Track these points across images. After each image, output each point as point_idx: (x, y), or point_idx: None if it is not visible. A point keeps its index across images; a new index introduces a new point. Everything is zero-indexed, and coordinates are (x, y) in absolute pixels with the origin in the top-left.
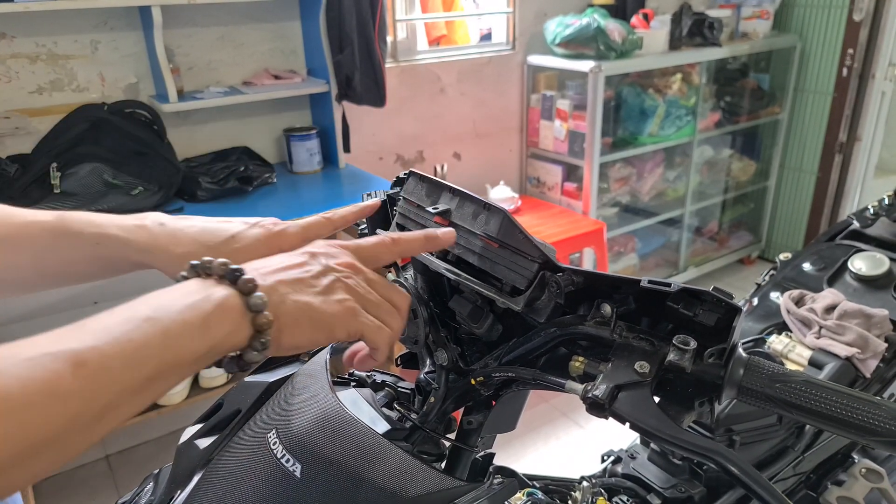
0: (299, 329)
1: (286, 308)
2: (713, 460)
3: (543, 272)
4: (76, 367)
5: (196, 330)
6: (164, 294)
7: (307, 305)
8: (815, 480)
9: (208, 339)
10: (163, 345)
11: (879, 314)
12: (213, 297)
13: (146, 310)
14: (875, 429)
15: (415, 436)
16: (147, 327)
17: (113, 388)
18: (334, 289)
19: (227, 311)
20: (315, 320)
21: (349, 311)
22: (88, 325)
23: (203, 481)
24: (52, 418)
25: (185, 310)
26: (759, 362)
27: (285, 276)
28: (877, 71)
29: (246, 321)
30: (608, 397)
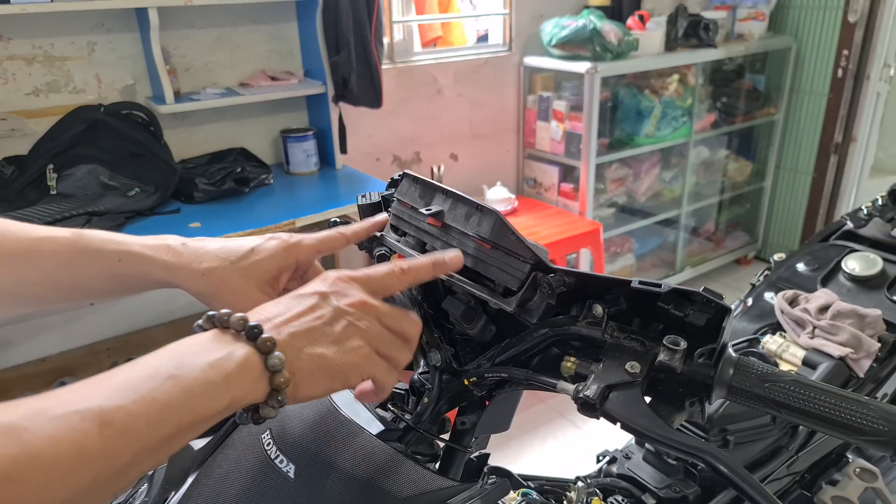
0: (315, 382)
1: (302, 363)
2: (703, 460)
3: (535, 273)
4: (102, 427)
5: (217, 390)
6: (184, 347)
7: (322, 358)
8: (809, 480)
9: (228, 398)
10: (185, 404)
11: (872, 314)
12: (234, 356)
13: (170, 366)
14: (863, 428)
15: (408, 436)
16: (170, 386)
17: (135, 447)
18: (348, 336)
19: (248, 370)
20: (331, 372)
21: (363, 357)
22: (115, 380)
23: (197, 482)
24: (78, 478)
25: (207, 368)
26: (749, 362)
27: (299, 327)
28: (872, 72)
29: (264, 380)
30: (599, 397)
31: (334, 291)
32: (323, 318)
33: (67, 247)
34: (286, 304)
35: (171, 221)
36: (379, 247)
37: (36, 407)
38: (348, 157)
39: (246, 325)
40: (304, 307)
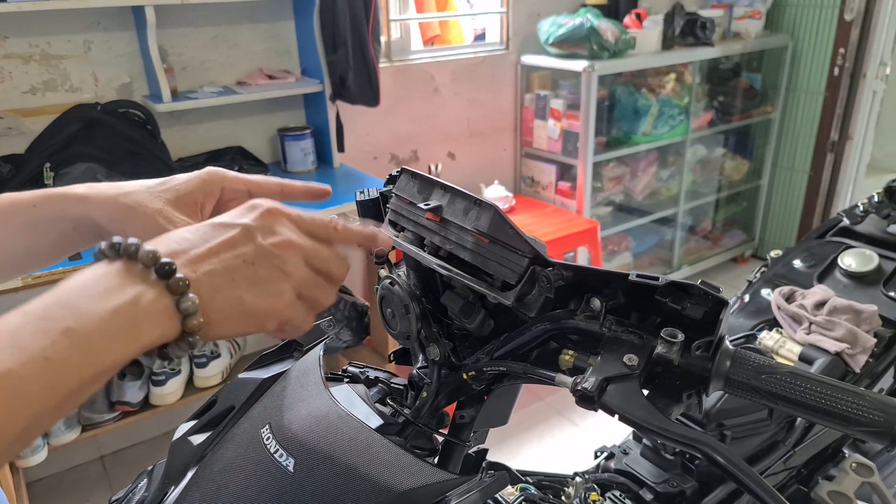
0: (228, 324)
1: (217, 305)
2: (700, 450)
3: (534, 267)
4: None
5: (122, 339)
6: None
7: (239, 301)
8: (806, 475)
9: (135, 347)
10: (85, 360)
11: (868, 310)
12: (143, 300)
13: (64, 315)
14: (858, 418)
15: (407, 430)
16: (66, 343)
17: (31, 411)
18: (270, 279)
19: (157, 315)
20: (245, 315)
21: (283, 304)
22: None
23: (197, 477)
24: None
25: (109, 317)
26: (746, 354)
27: (217, 265)
28: (868, 70)
29: (175, 322)
30: (597, 390)
31: (261, 226)
32: (244, 256)
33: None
34: (204, 233)
35: None
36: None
37: None
38: (346, 156)
39: (157, 261)
40: (224, 240)
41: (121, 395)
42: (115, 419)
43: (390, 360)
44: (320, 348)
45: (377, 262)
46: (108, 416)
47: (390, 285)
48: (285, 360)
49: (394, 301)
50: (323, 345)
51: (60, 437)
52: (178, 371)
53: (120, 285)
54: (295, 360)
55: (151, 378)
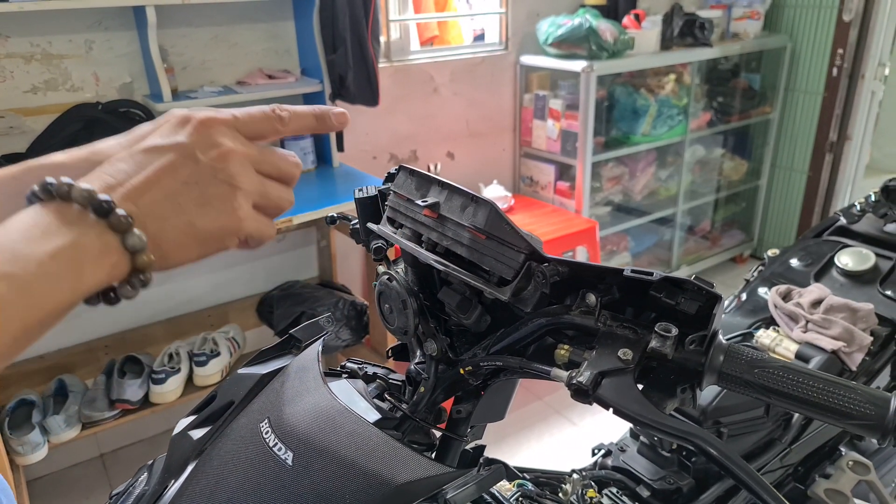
0: (185, 250)
1: (167, 235)
2: (693, 443)
3: (530, 263)
4: None
5: (64, 282)
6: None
7: (189, 226)
8: (802, 473)
9: (80, 288)
10: (27, 305)
11: (865, 308)
12: (83, 242)
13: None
14: (850, 412)
15: (405, 425)
16: (5, 288)
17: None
18: (219, 196)
19: (102, 255)
20: (200, 239)
21: (239, 218)
22: None
23: (196, 470)
24: None
25: (48, 260)
26: (739, 349)
27: (159, 193)
28: (866, 71)
29: (123, 260)
30: (592, 383)
31: (197, 142)
32: (186, 177)
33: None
34: (139, 162)
35: None
36: (375, 239)
37: None
38: (345, 156)
39: (93, 199)
40: (161, 165)
41: (121, 394)
42: (115, 417)
43: (388, 356)
44: (319, 344)
45: (375, 259)
46: (108, 415)
47: (388, 281)
48: (284, 356)
49: (392, 297)
50: (322, 341)
51: (60, 435)
52: (177, 369)
53: (58, 227)
54: (294, 356)
55: (151, 376)
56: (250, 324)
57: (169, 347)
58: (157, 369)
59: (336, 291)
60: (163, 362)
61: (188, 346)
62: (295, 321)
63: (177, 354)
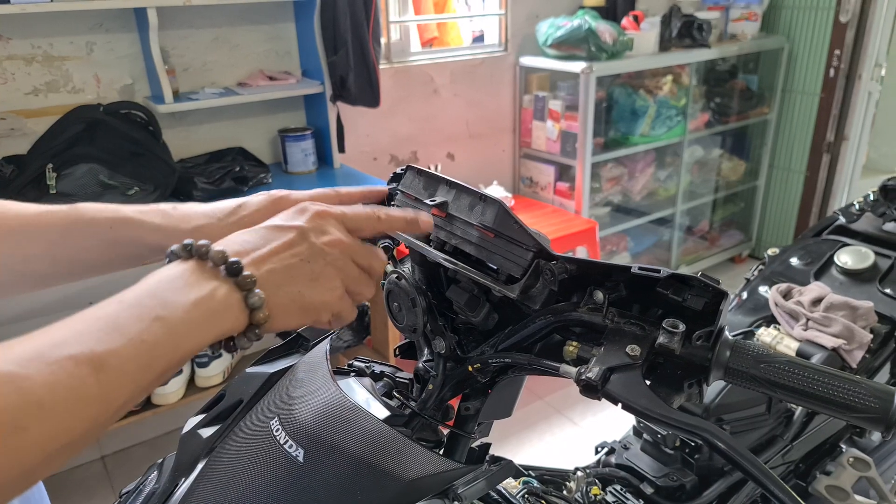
0: (289, 317)
1: (279, 300)
2: (701, 437)
3: (538, 260)
4: (97, 372)
5: (202, 328)
6: (165, 283)
7: (299, 296)
8: (803, 469)
9: (212, 335)
10: (173, 343)
11: (865, 306)
12: (217, 294)
13: (154, 305)
14: (855, 405)
15: (413, 422)
16: (157, 328)
17: (129, 389)
18: (324, 275)
19: (230, 308)
20: (304, 308)
21: (336, 297)
22: (102, 320)
23: (207, 469)
24: (78, 422)
25: (191, 308)
26: (745, 344)
27: (277, 264)
28: (863, 71)
29: (244, 315)
30: (601, 379)
31: (313, 227)
32: (301, 255)
33: (63, 219)
34: (263, 236)
35: None
36: (383, 239)
37: (29, 351)
38: (346, 157)
39: (226, 260)
40: (282, 242)
41: None
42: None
43: (396, 354)
44: (327, 343)
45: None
46: None
47: (397, 280)
48: (292, 355)
49: (400, 295)
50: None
51: None
52: (179, 370)
53: (197, 280)
54: (302, 355)
55: None
56: None
57: None
58: None
59: None
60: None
61: None
62: None
63: None
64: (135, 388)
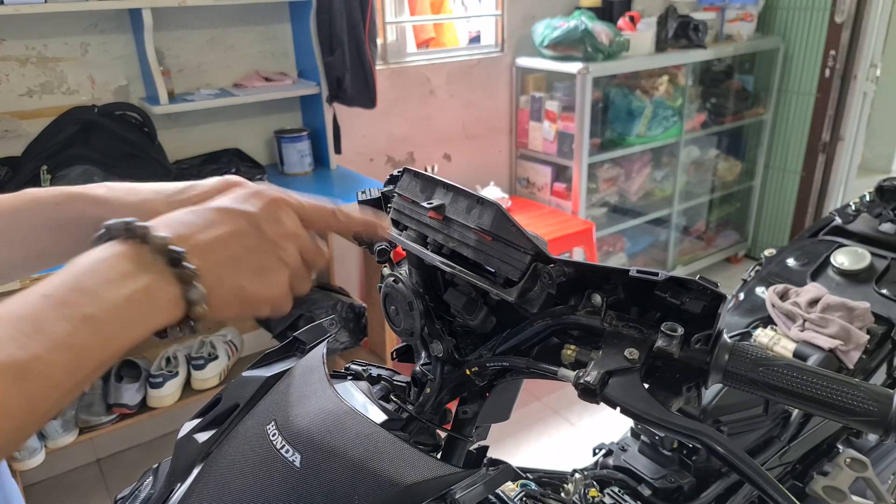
0: (228, 309)
1: (220, 293)
2: (700, 441)
3: (536, 264)
4: (21, 381)
5: (136, 325)
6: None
7: (241, 290)
8: (801, 470)
9: (145, 330)
10: (104, 345)
11: (861, 307)
12: (154, 289)
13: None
14: (854, 409)
15: (411, 426)
16: (87, 329)
17: (55, 395)
18: (271, 269)
19: (167, 302)
20: (245, 301)
21: (279, 292)
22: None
23: (203, 474)
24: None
25: (124, 304)
26: (744, 347)
27: (223, 254)
28: (858, 72)
29: (181, 308)
30: (599, 383)
31: (266, 217)
32: (249, 246)
33: (10, 203)
34: (210, 219)
35: None
36: (380, 242)
37: None
38: (342, 158)
39: (167, 248)
40: (230, 230)
41: (118, 398)
42: (113, 422)
43: (393, 357)
44: (324, 346)
45: (379, 261)
46: (105, 419)
47: (394, 283)
48: (288, 359)
49: (398, 298)
50: (326, 343)
51: (57, 439)
52: (175, 373)
53: (133, 272)
54: (298, 359)
55: (149, 380)
56: (248, 327)
57: (166, 351)
58: (154, 373)
59: (334, 294)
60: (160, 366)
61: (186, 349)
62: (293, 324)
63: (174, 358)
64: (61, 395)
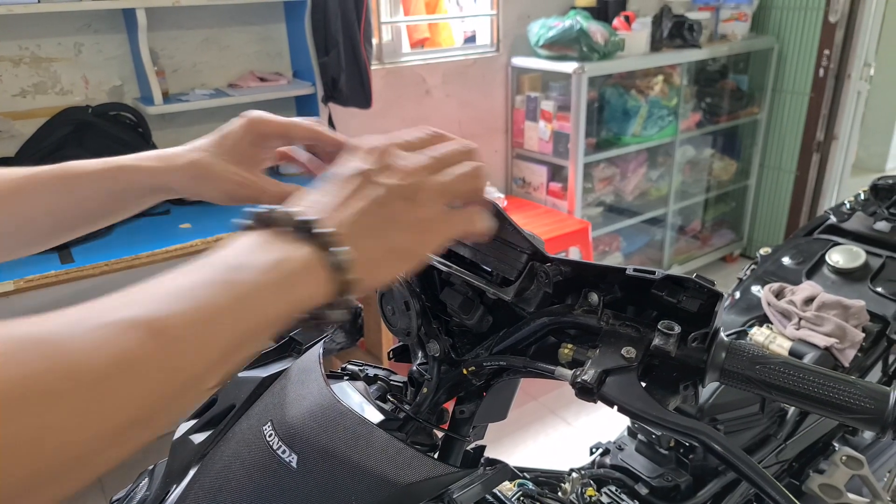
0: (386, 268)
1: (368, 254)
2: (697, 439)
3: (532, 263)
4: (154, 336)
5: (278, 292)
6: (234, 250)
7: (389, 242)
8: (797, 468)
9: (291, 301)
10: (244, 310)
11: (856, 305)
12: (295, 255)
13: (223, 271)
14: (850, 406)
15: (408, 426)
16: (225, 292)
17: (193, 359)
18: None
19: (310, 269)
20: (401, 253)
21: (434, 225)
22: (161, 288)
23: (199, 475)
24: (132, 394)
25: (267, 270)
26: (741, 345)
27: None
28: (852, 71)
29: (329, 279)
30: (596, 382)
31: (378, 168)
32: (377, 200)
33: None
34: (330, 191)
35: (161, 222)
36: None
37: (71, 317)
38: None
39: (296, 221)
40: (351, 191)
41: None
42: None
43: (389, 357)
44: (320, 346)
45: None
46: None
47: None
48: (285, 359)
49: (394, 298)
50: (322, 343)
51: None
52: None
53: (270, 244)
54: (295, 359)
55: None
56: None
57: None
58: None
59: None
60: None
61: None
62: None
63: None
64: (201, 360)
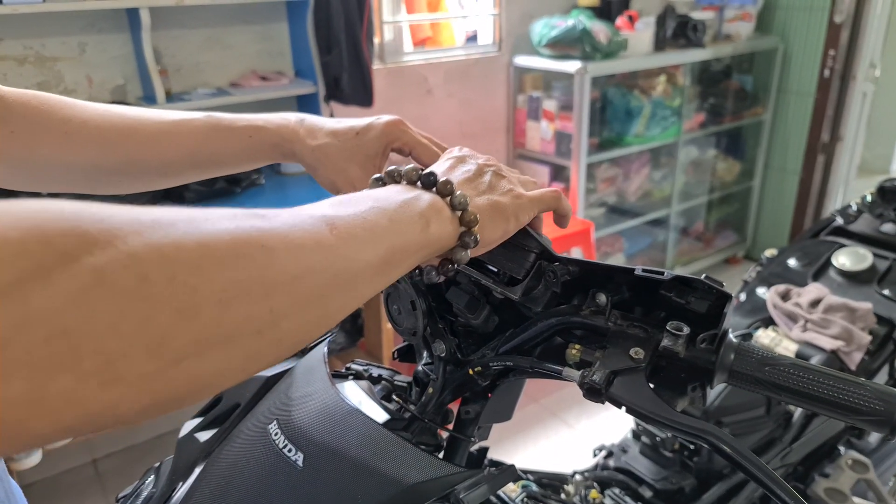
0: (494, 223)
1: (479, 205)
2: (706, 440)
3: (540, 262)
4: (331, 227)
5: (416, 223)
6: (378, 192)
7: (493, 201)
8: (802, 472)
9: (427, 234)
10: (392, 228)
11: (863, 308)
12: (423, 197)
13: (374, 200)
14: (859, 408)
15: (413, 426)
16: (376, 212)
17: (360, 256)
18: (501, 183)
19: (438, 209)
20: (503, 213)
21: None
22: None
23: (205, 473)
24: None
25: (403, 204)
26: (749, 347)
27: (462, 177)
28: (858, 72)
29: (454, 220)
30: (605, 382)
31: (467, 155)
32: (478, 169)
33: (202, 126)
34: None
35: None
36: None
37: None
38: None
39: (420, 174)
40: (451, 164)
41: None
42: None
43: (394, 357)
44: (324, 346)
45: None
46: None
47: (396, 282)
48: (289, 358)
49: (400, 298)
50: (327, 342)
51: None
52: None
53: (403, 191)
54: (299, 358)
55: None
56: None
57: None
58: None
59: None
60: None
61: None
62: None
63: None
64: (365, 261)
